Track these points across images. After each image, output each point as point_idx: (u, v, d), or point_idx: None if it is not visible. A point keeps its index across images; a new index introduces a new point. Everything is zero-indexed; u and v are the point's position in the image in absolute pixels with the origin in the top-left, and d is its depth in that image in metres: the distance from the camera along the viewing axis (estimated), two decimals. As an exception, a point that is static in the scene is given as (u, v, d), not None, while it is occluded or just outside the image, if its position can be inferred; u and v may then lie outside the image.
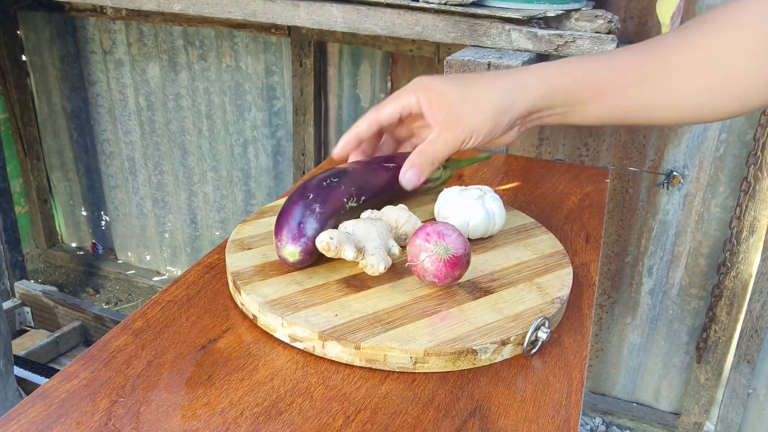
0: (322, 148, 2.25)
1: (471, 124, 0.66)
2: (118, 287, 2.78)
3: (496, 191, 0.79)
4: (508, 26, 1.25)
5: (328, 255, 0.63)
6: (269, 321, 0.60)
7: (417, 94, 0.68)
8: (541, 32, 1.24)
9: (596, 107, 0.68)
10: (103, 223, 2.86)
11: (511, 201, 0.94)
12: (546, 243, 0.77)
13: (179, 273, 2.42)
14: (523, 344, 0.59)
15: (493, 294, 0.65)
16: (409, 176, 0.70)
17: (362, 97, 2.13)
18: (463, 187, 0.78)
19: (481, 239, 0.76)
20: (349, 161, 0.77)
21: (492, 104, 0.65)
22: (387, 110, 0.69)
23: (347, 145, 0.72)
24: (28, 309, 2.31)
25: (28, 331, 2.26)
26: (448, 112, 0.66)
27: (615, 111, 0.68)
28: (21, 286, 2.33)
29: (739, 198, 1.74)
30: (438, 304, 0.63)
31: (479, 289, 0.66)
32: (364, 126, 0.71)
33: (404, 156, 0.72)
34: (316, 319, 0.59)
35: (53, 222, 2.92)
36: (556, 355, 0.60)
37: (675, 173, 1.80)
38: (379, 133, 0.76)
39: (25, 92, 2.63)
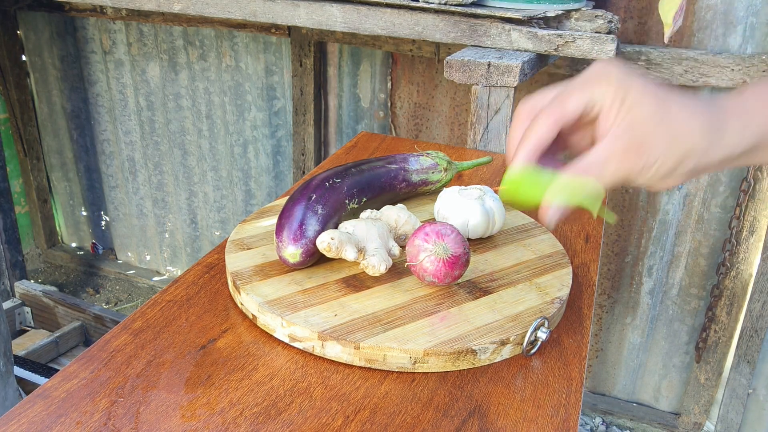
0: (322, 148, 2.25)
1: (656, 155, 0.49)
2: (118, 287, 2.78)
3: (495, 191, 0.79)
4: (508, 26, 1.25)
5: (328, 255, 0.63)
6: (269, 321, 0.60)
7: (609, 87, 0.50)
8: (541, 32, 1.24)
9: None
10: (103, 223, 2.86)
11: (510, 201, 0.93)
12: (546, 243, 0.77)
13: (179, 273, 2.42)
14: (522, 344, 0.59)
15: (493, 294, 0.65)
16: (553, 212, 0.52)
17: (362, 97, 2.13)
18: (462, 187, 0.78)
19: (481, 239, 0.76)
20: None
21: (687, 139, 0.50)
22: (572, 105, 0.51)
23: (528, 158, 0.52)
24: (28, 309, 2.31)
25: (28, 331, 2.26)
26: (636, 127, 0.49)
27: None
28: (21, 286, 2.33)
29: (739, 198, 1.74)
30: (437, 304, 0.63)
31: (479, 289, 0.66)
32: (544, 130, 0.52)
33: (404, 156, 0.71)
34: (316, 319, 0.59)
35: (53, 222, 2.92)
36: (555, 356, 0.60)
37: (675, 173, 1.79)
38: None
39: (25, 92, 2.63)
